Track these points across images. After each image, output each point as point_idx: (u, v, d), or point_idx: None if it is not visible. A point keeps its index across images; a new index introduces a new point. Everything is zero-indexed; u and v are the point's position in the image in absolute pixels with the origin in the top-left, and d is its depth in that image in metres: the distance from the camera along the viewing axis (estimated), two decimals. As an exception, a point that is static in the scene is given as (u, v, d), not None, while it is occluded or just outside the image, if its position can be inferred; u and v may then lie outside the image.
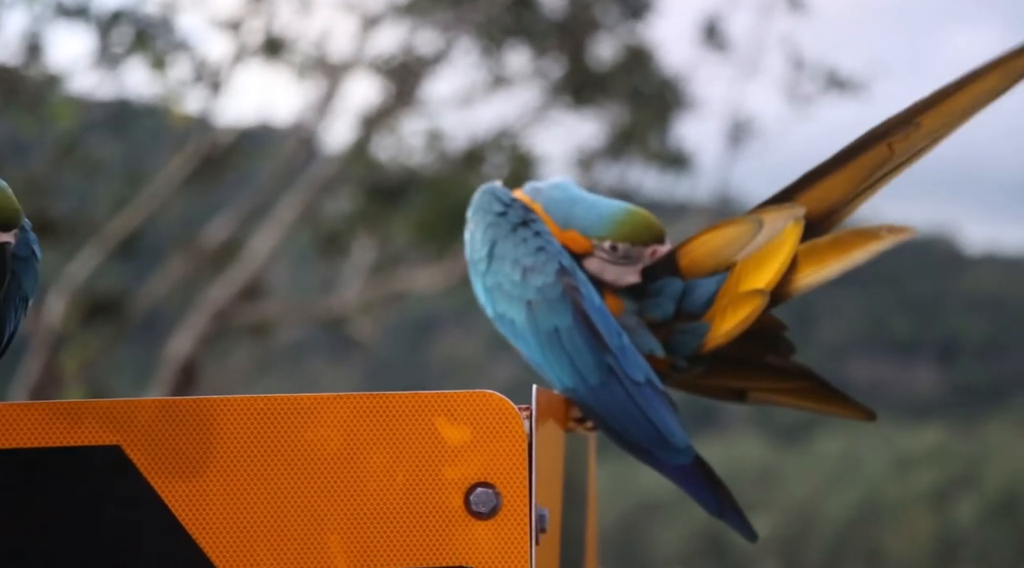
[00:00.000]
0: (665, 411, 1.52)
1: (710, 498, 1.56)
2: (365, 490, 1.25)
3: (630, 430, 1.53)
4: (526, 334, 1.56)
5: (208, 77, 8.28)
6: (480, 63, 9.08)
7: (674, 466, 1.55)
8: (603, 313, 1.54)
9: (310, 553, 1.24)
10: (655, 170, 9.33)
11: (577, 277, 1.56)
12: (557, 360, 1.54)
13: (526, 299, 1.56)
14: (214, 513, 1.24)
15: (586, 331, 1.53)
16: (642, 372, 1.53)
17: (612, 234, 1.58)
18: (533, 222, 1.59)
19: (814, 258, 1.57)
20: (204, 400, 1.26)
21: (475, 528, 1.25)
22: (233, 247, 8.71)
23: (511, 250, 1.58)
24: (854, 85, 8.79)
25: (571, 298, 1.54)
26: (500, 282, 1.58)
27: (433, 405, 1.27)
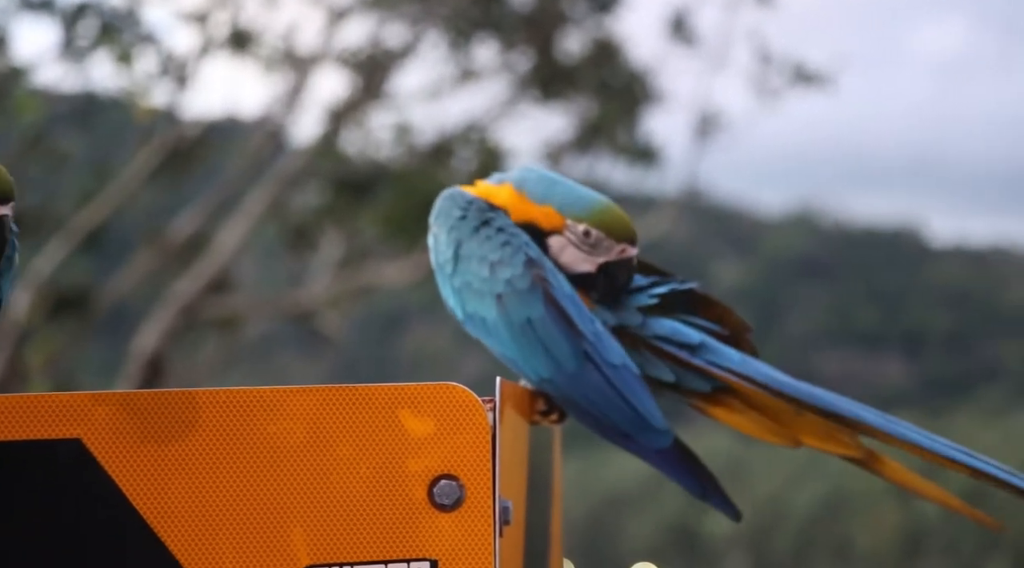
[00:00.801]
0: (644, 393, 1.53)
1: (692, 481, 1.57)
2: (329, 483, 1.25)
3: (610, 415, 1.53)
4: (498, 329, 1.56)
5: (175, 70, 8.24)
6: (448, 56, 9.07)
7: (655, 450, 1.55)
8: (575, 300, 1.55)
9: (273, 546, 1.24)
10: (623, 163, 9.35)
11: (546, 267, 1.56)
12: (532, 351, 1.54)
13: (496, 293, 1.56)
14: (176, 507, 1.23)
15: (559, 319, 1.53)
16: (618, 355, 1.53)
17: (590, 219, 1.58)
18: (494, 220, 1.59)
19: (889, 472, 1.66)
20: (166, 393, 1.25)
21: (439, 520, 1.25)
22: (200, 241, 8.68)
23: (476, 248, 1.58)
24: (821, 79, 8.83)
25: (541, 288, 1.54)
26: (469, 281, 1.58)
27: (397, 397, 1.26)
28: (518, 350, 1.55)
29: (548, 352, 1.53)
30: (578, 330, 1.53)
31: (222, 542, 1.24)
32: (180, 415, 1.25)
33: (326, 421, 1.26)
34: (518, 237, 1.57)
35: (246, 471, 1.24)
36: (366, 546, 1.25)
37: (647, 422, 1.53)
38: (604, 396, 1.53)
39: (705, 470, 1.57)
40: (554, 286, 1.55)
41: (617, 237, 1.58)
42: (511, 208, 1.61)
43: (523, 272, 1.55)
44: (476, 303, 1.58)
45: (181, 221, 8.87)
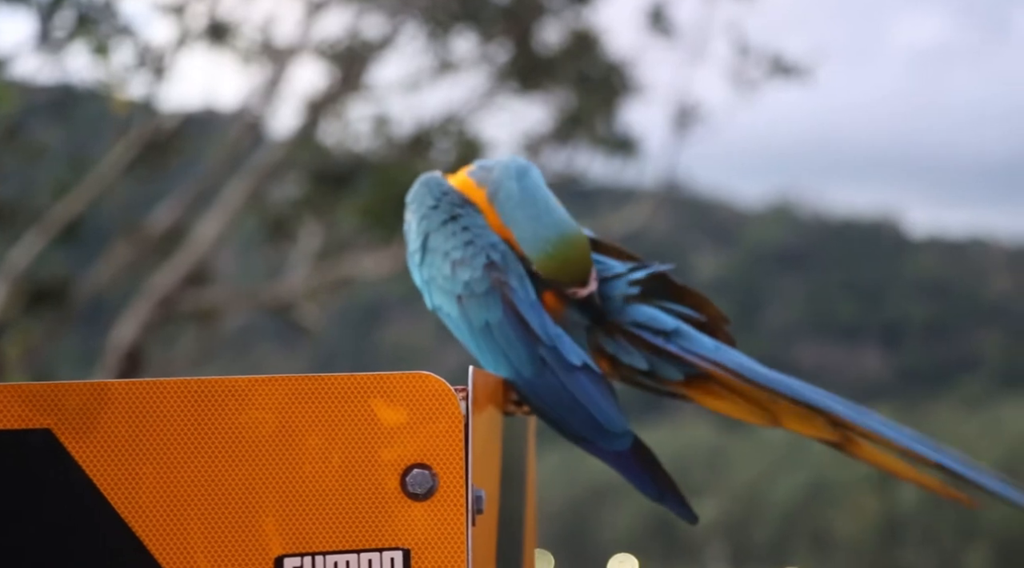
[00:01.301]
0: (600, 397, 1.52)
1: (649, 483, 1.55)
2: (300, 472, 1.25)
3: (567, 419, 1.52)
4: (461, 327, 1.56)
5: (152, 62, 8.21)
6: (426, 48, 9.06)
7: (613, 453, 1.54)
8: (535, 307, 1.53)
9: (244, 536, 1.24)
10: (602, 155, 9.36)
11: (509, 271, 1.54)
12: (492, 353, 1.54)
13: (456, 293, 1.55)
14: (147, 497, 1.23)
15: (517, 325, 1.52)
16: (579, 357, 1.52)
17: (538, 263, 1.55)
18: (462, 216, 1.57)
19: (867, 455, 1.62)
20: (137, 383, 1.25)
21: (411, 509, 1.25)
22: (178, 233, 8.66)
23: (442, 243, 1.57)
24: (799, 71, 8.85)
25: (500, 292, 1.53)
26: (434, 275, 1.58)
27: (368, 387, 1.26)
28: (479, 350, 1.55)
29: (506, 356, 1.52)
30: (536, 335, 1.51)
31: (194, 532, 1.23)
32: (151, 405, 1.24)
33: (297, 411, 1.25)
34: (483, 237, 1.55)
35: (217, 461, 1.24)
36: (338, 536, 1.25)
37: (603, 427, 1.52)
38: (561, 401, 1.52)
39: (663, 473, 1.56)
40: (515, 291, 1.53)
41: (564, 283, 1.55)
42: (486, 216, 1.59)
43: (482, 275, 1.54)
44: (441, 299, 1.57)
45: (159, 213, 8.85)
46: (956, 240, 58.14)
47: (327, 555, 1.25)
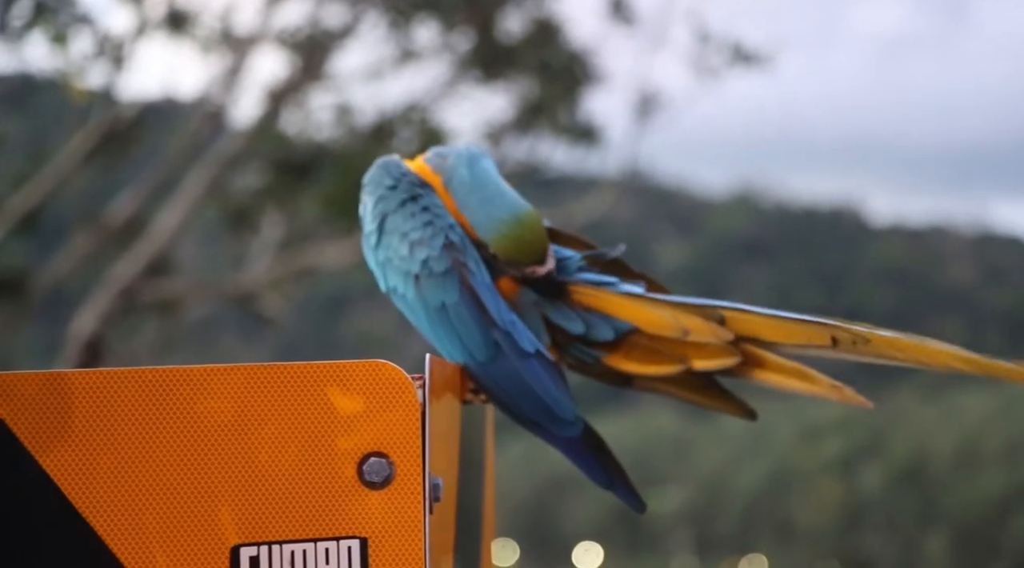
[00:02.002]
0: (552, 384, 1.52)
1: (598, 470, 1.55)
2: (257, 461, 1.24)
3: (519, 404, 1.52)
4: (416, 309, 1.55)
5: (110, 51, 8.15)
6: (388, 37, 9.03)
7: (564, 438, 1.54)
8: (491, 290, 1.53)
9: (201, 525, 1.23)
10: (564, 144, 9.36)
11: (467, 253, 1.54)
12: (446, 335, 1.53)
13: (414, 273, 1.54)
14: (102, 487, 1.22)
15: (473, 307, 1.52)
16: (532, 344, 1.52)
17: (494, 244, 1.55)
18: (422, 197, 1.57)
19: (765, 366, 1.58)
20: (91, 373, 1.24)
21: (368, 498, 1.25)
22: (138, 223, 8.61)
23: (400, 224, 1.56)
24: (759, 58, 8.88)
25: (458, 273, 1.53)
26: (390, 256, 1.57)
27: (325, 375, 1.26)
28: (433, 332, 1.55)
29: (460, 339, 1.52)
30: (491, 319, 1.52)
31: (149, 522, 1.23)
32: (105, 395, 1.23)
33: (253, 400, 1.25)
34: (443, 219, 1.55)
35: (172, 450, 1.24)
36: (295, 524, 1.24)
37: (554, 413, 1.52)
38: (514, 386, 1.52)
39: (613, 460, 1.56)
40: (472, 272, 1.53)
41: (519, 263, 1.56)
42: (443, 201, 1.59)
43: (440, 255, 1.53)
44: (397, 280, 1.57)
45: (119, 203, 8.79)
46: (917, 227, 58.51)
47: (284, 544, 1.24)
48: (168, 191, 8.80)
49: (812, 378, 1.58)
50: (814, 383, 1.58)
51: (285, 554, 1.24)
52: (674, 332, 1.55)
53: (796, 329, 1.55)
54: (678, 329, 1.55)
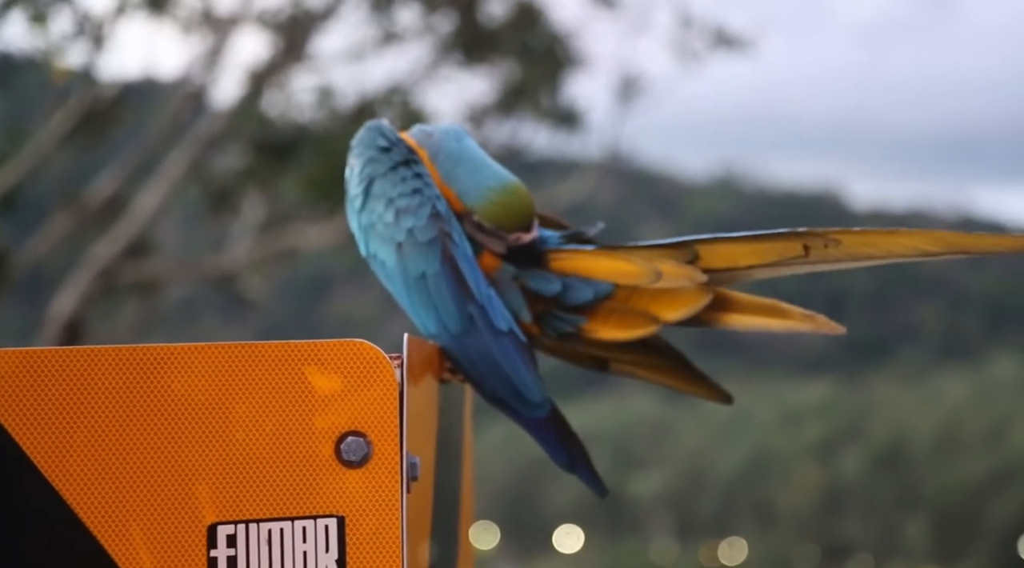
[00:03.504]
0: (522, 365, 1.52)
1: (562, 452, 1.56)
2: (234, 440, 1.24)
3: (488, 381, 1.53)
4: (395, 276, 1.55)
5: (91, 31, 8.11)
6: (370, 19, 9.01)
7: (530, 419, 1.55)
8: (472, 263, 1.53)
9: (178, 504, 1.23)
10: (546, 127, 9.36)
11: (452, 225, 1.54)
12: (423, 305, 1.53)
13: (397, 241, 1.54)
14: (79, 465, 1.22)
15: (452, 278, 1.52)
16: (505, 322, 1.52)
17: (482, 211, 1.55)
18: (415, 163, 1.57)
19: (736, 309, 1.57)
20: (68, 350, 1.24)
21: (346, 477, 1.25)
22: (119, 203, 8.58)
23: (388, 189, 1.56)
24: (741, 42, 8.89)
25: (442, 244, 1.52)
26: (374, 221, 1.56)
27: (303, 354, 1.26)
28: (409, 301, 1.54)
29: (436, 309, 1.52)
30: (469, 292, 1.52)
31: (125, 500, 1.23)
32: (82, 373, 1.23)
33: (231, 378, 1.25)
34: (431, 189, 1.55)
35: (150, 429, 1.23)
36: (272, 503, 1.24)
37: (521, 393, 1.53)
38: (484, 362, 1.52)
39: (577, 443, 1.57)
40: (456, 244, 1.53)
41: (508, 228, 1.56)
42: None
43: (427, 224, 1.53)
44: (378, 245, 1.56)
45: (99, 183, 8.76)
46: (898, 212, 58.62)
47: (261, 522, 1.24)
48: (148, 171, 8.77)
49: (784, 311, 1.57)
50: (786, 316, 1.57)
51: (262, 532, 1.24)
52: (648, 277, 1.54)
53: (768, 246, 1.54)
54: (651, 273, 1.54)
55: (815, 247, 1.53)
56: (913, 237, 1.53)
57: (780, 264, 1.55)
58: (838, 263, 1.55)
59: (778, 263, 1.54)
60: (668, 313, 1.55)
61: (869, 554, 29.99)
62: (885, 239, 1.53)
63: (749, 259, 1.55)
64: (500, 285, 1.56)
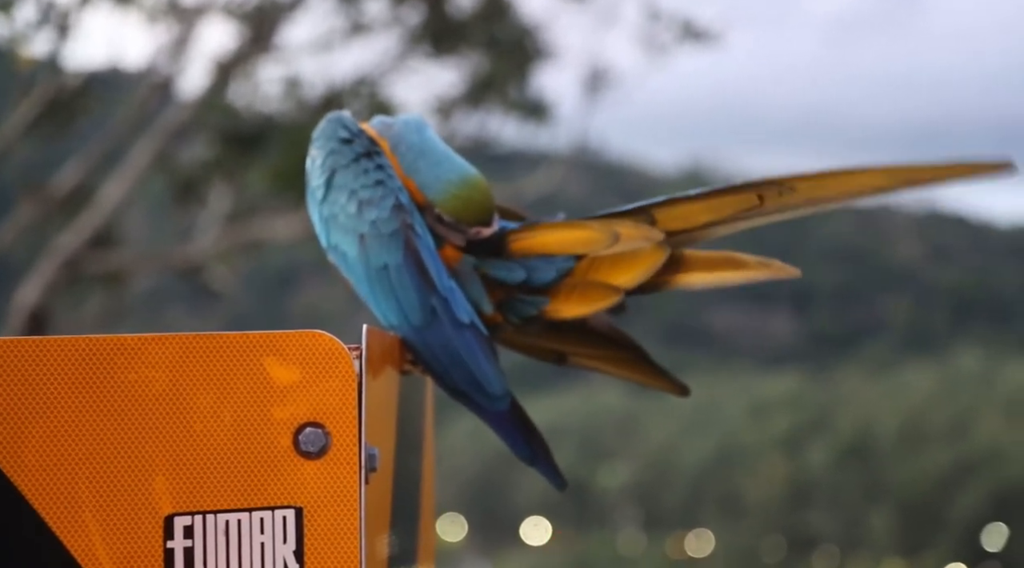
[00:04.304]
0: (483, 357, 1.52)
1: (523, 445, 1.56)
2: (191, 431, 1.24)
3: (450, 373, 1.53)
4: (356, 268, 1.55)
5: (56, 19, 8.05)
6: (338, 9, 8.98)
7: (491, 412, 1.55)
8: (434, 255, 1.53)
9: (135, 495, 1.22)
10: (514, 119, 9.35)
11: (414, 216, 1.54)
12: (384, 297, 1.53)
13: (359, 232, 1.54)
14: (34, 455, 1.21)
15: (415, 270, 1.52)
16: (467, 315, 1.53)
17: (442, 205, 1.56)
18: (377, 155, 1.57)
19: (692, 267, 1.57)
20: (24, 341, 1.23)
21: (304, 468, 1.25)
22: (84, 193, 8.53)
23: (350, 181, 1.56)
24: (709, 36, 8.90)
25: (404, 236, 1.53)
26: (335, 213, 1.56)
27: (261, 345, 1.25)
28: (371, 292, 1.54)
29: (398, 301, 1.52)
30: (432, 284, 1.52)
31: (81, 491, 1.22)
32: (38, 363, 1.22)
33: (188, 369, 1.24)
34: (394, 180, 1.55)
35: (105, 420, 1.23)
36: (229, 494, 1.24)
37: (483, 386, 1.53)
38: (445, 354, 1.52)
39: (538, 436, 1.57)
40: (418, 236, 1.53)
41: (468, 222, 1.56)
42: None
43: (390, 216, 1.53)
44: (340, 237, 1.56)
45: (64, 173, 8.70)
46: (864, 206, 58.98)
47: (218, 514, 1.24)
48: (114, 162, 8.72)
49: (740, 261, 1.57)
50: (743, 266, 1.57)
51: (220, 523, 1.24)
52: (606, 241, 1.54)
53: (723, 201, 1.54)
54: (609, 236, 1.54)
55: (770, 196, 1.52)
56: (865, 174, 1.52)
57: (737, 218, 1.54)
58: (794, 210, 1.54)
59: (735, 217, 1.54)
60: (623, 278, 1.55)
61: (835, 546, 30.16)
62: (838, 180, 1.52)
63: (706, 216, 1.54)
64: (462, 277, 1.56)
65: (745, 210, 1.53)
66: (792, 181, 1.52)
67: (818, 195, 1.52)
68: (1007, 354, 36.33)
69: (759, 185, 1.53)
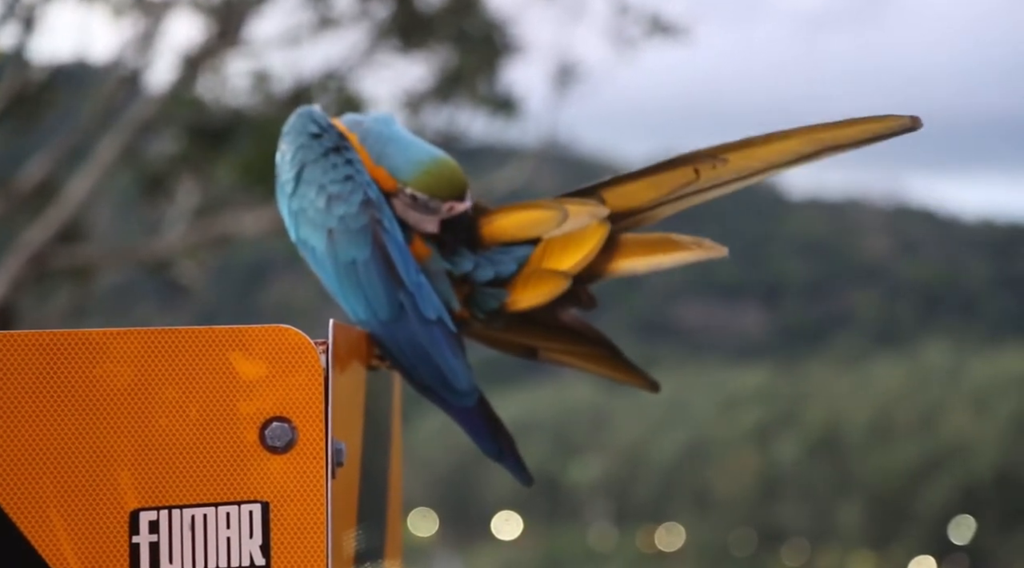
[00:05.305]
0: (450, 353, 1.53)
1: (489, 441, 1.57)
2: (157, 426, 1.23)
3: (417, 369, 1.54)
4: (325, 262, 1.55)
5: (21, 13, 8.00)
6: (306, 3, 8.95)
7: (458, 407, 1.56)
8: (403, 250, 1.54)
9: (100, 490, 1.22)
10: (483, 114, 9.35)
11: (383, 212, 1.55)
12: (352, 292, 1.53)
13: (328, 227, 1.54)
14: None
15: (382, 265, 1.52)
16: (435, 311, 1.53)
17: (414, 182, 1.56)
18: (346, 150, 1.57)
19: (630, 251, 1.59)
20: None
21: (270, 463, 1.24)
22: (50, 188, 8.47)
23: (319, 175, 1.56)
24: (678, 30, 8.92)
25: (372, 231, 1.53)
26: (305, 207, 1.56)
27: (226, 340, 1.25)
28: (339, 287, 1.55)
29: (366, 296, 1.53)
30: (399, 279, 1.52)
31: (46, 486, 1.21)
32: (2, 357, 1.21)
33: (153, 364, 1.24)
34: (362, 175, 1.56)
35: (71, 414, 1.22)
36: (195, 489, 1.23)
37: (449, 382, 1.54)
38: (412, 349, 1.53)
39: (504, 432, 1.58)
40: (387, 231, 1.54)
41: (442, 197, 1.56)
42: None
43: (358, 211, 1.54)
44: (308, 231, 1.56)
45: (30, 167, 8.64)
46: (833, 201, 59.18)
47: (184, 508, 1.23)
48: (81, 156, 8.66)
49: (675, 242, 1.59)
50: (678, 247, 1.59)
51: (185, 518, 1.23)
52: (557, 218, 1.56)
53: (663, 177, 1.56)
54: (560, 213, 1.57)
55: (704, 169, 1.55)
56: (788, 140, 1.54)
57: (679, 195, 1.56)
58: (729, 184, 1.56)
59: (676, 193, 1.56)
60: (569, 261, 1.57)
61: (804, 539, 30.31)
62: (765, 149, 1.54)
63: (648, 193, 1.57)
64: (430, 273, 1.56)
65: (684, 185, 1.55)
66: (723, 151, 1.55)
67: (749, 165, 1.54)
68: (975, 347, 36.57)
69: (694, 157, 1.55)
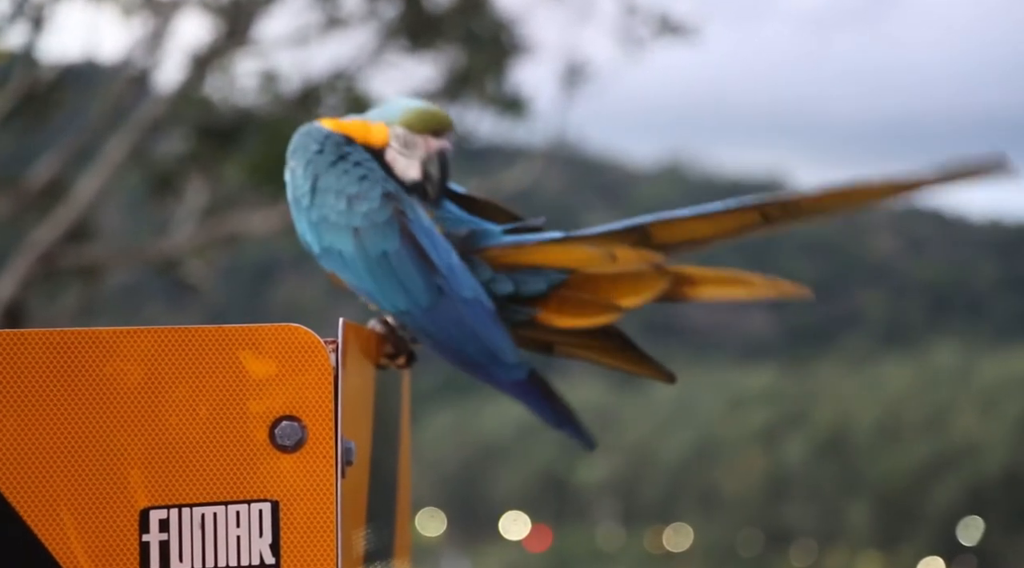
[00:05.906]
0: (494, 328, 1.55)
1: (548, 411, 1.60)
2: (167, 424, 1.23)
3: (465, 348, 1.55)
4: (355, 263, 1.57)
5: (30, 12, 8.01)
6: (314, 3, 8.95)
7: (511, 382, 1.57)
8: (431, 233, 1.56)
9: (110, 488, 1.22)
10: (491, 114, 9.34)
11: (403, 201, 1.57)
12: (388, 284, 1.55)
13: (353, 226, 1.56)
14: (9, 448, 1.21)
15: (414, 253, 1.55)
16: (471, 290, 1.55)
17: (400, 121, 1.61)
18: (350, 154, 1.60)
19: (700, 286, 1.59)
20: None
21: (280, 461, 1.25)
22: (59, 187, 8.48)
23: (334, 182, 1.58)
24: (686, 30, 8.91)
25: (398, 221, 1.55)
26: (325, 214, 1.58)
27: (237, 338, 1.25)
28: (374, 283, 1.56)
29: (403, 286, 1.55)
30: (433, 264, 1.54)
31: (57, 484, 1.22)
32: (14, 356, 1.22)
33: (163, 363, 1.24)
34: (376, 172, 1.59)
35: (82, 413, 1.22)
36: (205, 488, 1.24)
37: (498, 357, 1.55)
38: (458, 329, 1.55)
39: (560, 401, 1.60)
40: (411, 220, 1.56)
41: (421, 131, 1.60)
42: (359, 136, 1.63)
43: (381, 205, 1.56)
44: (333, 236, 1.58)
45: (39, 167, 8.65)
46: (842, 201, 58.95)
47: (194, 507, 1.24)
48: (90, 155, 8.67)
49: (747, 280, 1.59)
50: (750, 285, 1.59)
51: (195, 517, 1.23)
52: (602, 261, 1.56)
53: (725, 219, 1.57)
54: (606, 256, 1.56)
55: (773, 211, 1.55)
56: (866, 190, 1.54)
57: (737, 234, 1.57)
58: (794, 222, 1.57)
59: (736, 233, 1.57)
60: (627, 300, 1.57)
61: (812, 539, 30.26)
62: (840, 196, 1.55)
63: (706, 231, 1.57)
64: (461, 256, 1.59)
65: (747, 227, 1.56)
66: (796, 200, 1.55)
67: (819, 210, 1.55)
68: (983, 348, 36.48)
69: (762, 206, 1.55)
